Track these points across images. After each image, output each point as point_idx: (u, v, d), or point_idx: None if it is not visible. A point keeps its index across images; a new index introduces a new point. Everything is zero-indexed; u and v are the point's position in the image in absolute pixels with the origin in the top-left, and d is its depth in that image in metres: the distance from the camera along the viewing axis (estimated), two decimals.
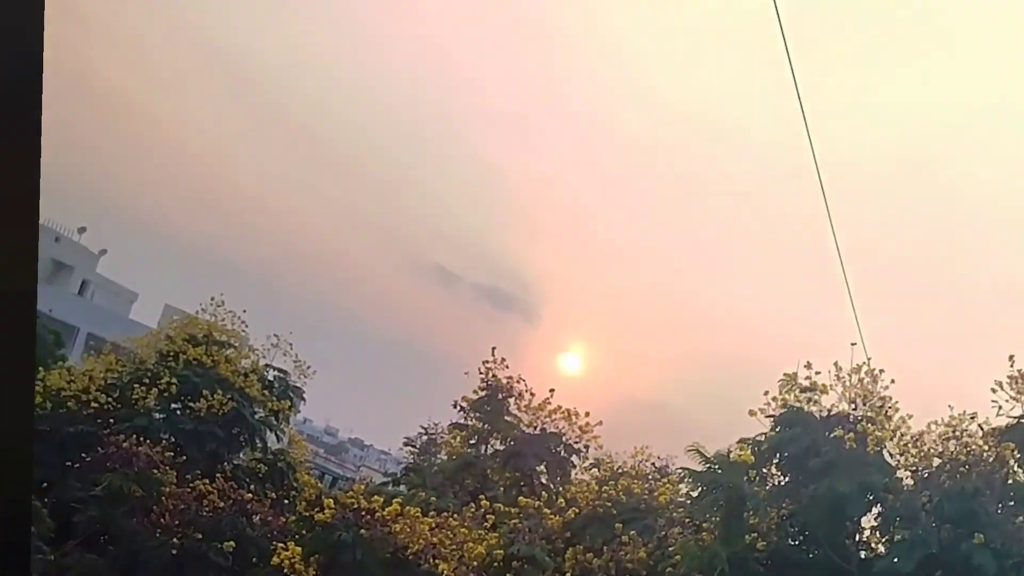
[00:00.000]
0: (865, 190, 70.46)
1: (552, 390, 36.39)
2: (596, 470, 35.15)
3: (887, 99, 69.15)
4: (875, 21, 62.60)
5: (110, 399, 36.84)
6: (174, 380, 37.15)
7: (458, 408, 37.36)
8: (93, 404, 36.44)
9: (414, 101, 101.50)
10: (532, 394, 36.55)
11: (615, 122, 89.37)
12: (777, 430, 27.09)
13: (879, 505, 26.21)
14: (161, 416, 37.46)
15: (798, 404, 27.31)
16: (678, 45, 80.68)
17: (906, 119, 71.29)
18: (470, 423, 37.43)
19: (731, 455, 26.94)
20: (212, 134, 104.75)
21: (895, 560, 24.71)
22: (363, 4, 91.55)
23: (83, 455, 33.35)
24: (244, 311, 40.27)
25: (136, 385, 37.01)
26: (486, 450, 37.14)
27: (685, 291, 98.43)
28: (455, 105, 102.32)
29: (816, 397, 27.25)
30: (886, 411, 26.59)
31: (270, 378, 40.13)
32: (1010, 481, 25.31)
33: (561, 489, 34.16)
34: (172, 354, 38.50)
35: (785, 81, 15.38)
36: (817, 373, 27.25)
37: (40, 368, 36.79)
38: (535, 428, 36.23)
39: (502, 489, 35.01)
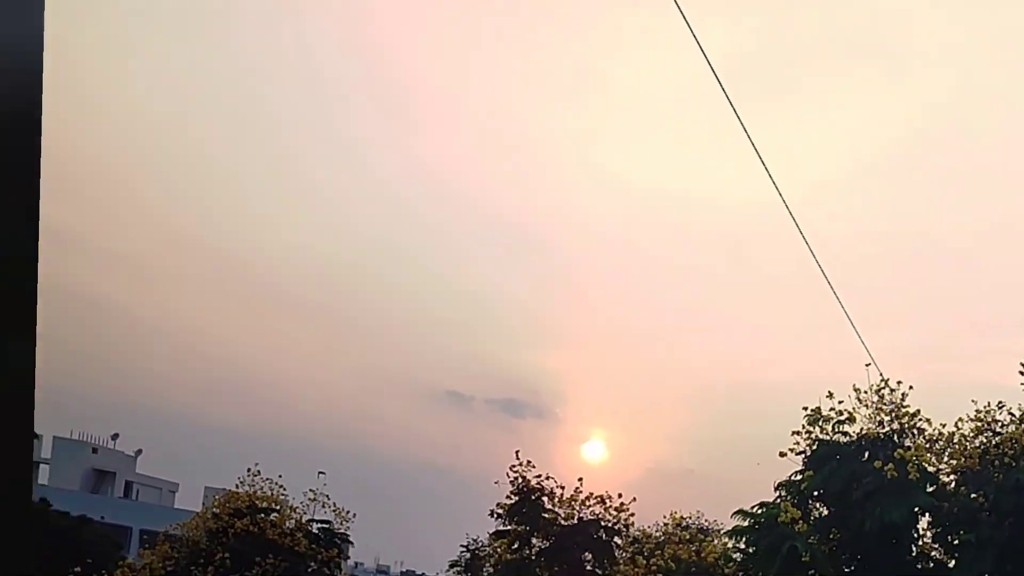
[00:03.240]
0: (839, 213, 69.34)
1: (581, 479, 34.40)
2: (638, 544, 33.66)
3: (839, 123, 68.13)
4: (813, 60, 62.09)
5: None
6: (227, 554, 35.56)
7: (495, 516, 35.88)
8: None
9: (382, 254, 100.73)
10: (562, 487, 34.67)
11: (590, 219, 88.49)
12: (812, 468, 25.15)
13: (929, 514, 24.39)
14: None
15: (827, 436, 25.47)
16: (632, 131, 79.94)
17: (862, 137, 70.19)
18: (510, 528, 35.91)
19: (775, 506, 25.13)
20: (213, 319, 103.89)
21: (966, 564, 22.94)
22: (325, 153, 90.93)
23: None
24: (280, 475, 38.66)
25: (193, 567, 35.50)
26: (531, 551, 35.55)
27: (692, 358, 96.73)
28: (425, 245, 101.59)
29: (845, 427, 25.38)
30: (916, 423, 24.86)
31: (315, 531, 38.18)
32: None
33: (610, 571, 32.48)
34: (221, 530, 36.67)
35: (739, 136, 14.07)
36: (840, 402, 24.96)
37: (104, 572, 36.34)
38: (573, 519, 34.55)
39: None
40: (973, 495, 23.60)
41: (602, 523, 34.04)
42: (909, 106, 65.79)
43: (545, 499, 34.64)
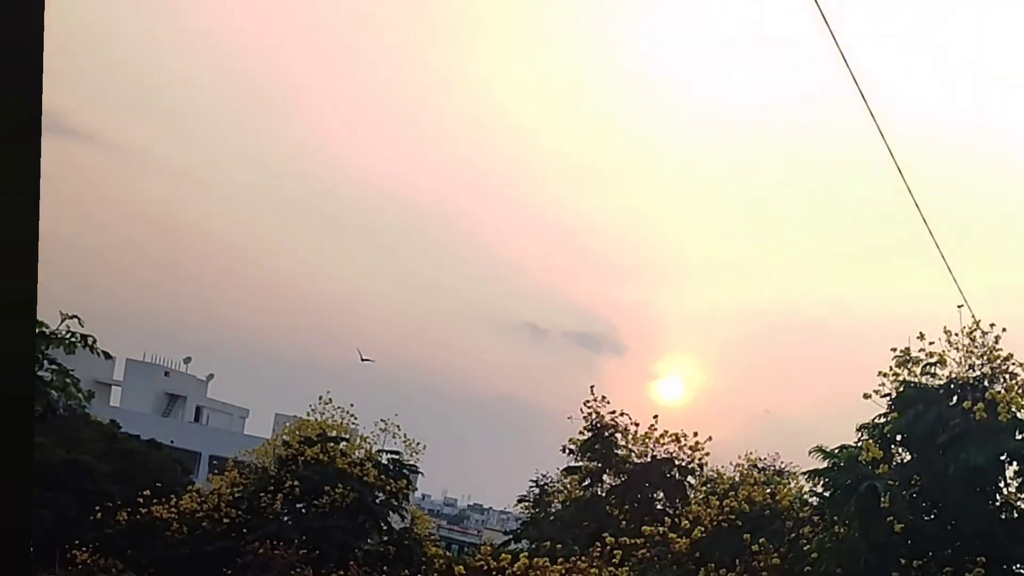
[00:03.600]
0: (936, 148, 66.96)
1: (656, 416, 34.21)
2: (711, 484, 33.20)
3: (942, 52, 65.93)
4: None
5: (240, 511, 35.83)
6: (296, 482, 35.87)
7: (567, 452, 35.64)
8: (225, 520, 35.48)
9: (465, 183, 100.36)
10: (636, 424, 34.40)
11: (679, 151, 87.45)
12: (897, 411, 24.39)
13: (1015, 463, 23.58)
14: (289, 519, 36.31)
15: (914, 379, 24.49)
16: (727, 61, 78.43)
17: (965, 68, 67.93)
18: (582, 464, 35.65)
19: (855, 447, 24.41)
20: (293, 245, 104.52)
21: None
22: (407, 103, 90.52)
23: (224, 570, 32.23)
24: (352, 404, 38.92)
25: (262, 494, 35.87)
26: (601, 488, 35.24)
27: (774, 295, 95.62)
28: (511, 176, 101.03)
29: (933, 369, 24.50)
30: (1008, 368, 23.66)
31: (384, 462, 38.34)
32: None
33: (682, 511, 32.01)
34: (291, 458, 37.14)
35: (833, 60, 13.29)
36: (931, 343, 24.00)
37: (172, 496, 36.45)
38: (646, 457, 34.13)
39: (623, 522, 32.85)
40: None
41: (676, 462, 33.72)
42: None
43: (619, 436, 34.38)
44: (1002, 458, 22.84)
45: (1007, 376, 23.48)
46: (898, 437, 24.41)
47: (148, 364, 76.28)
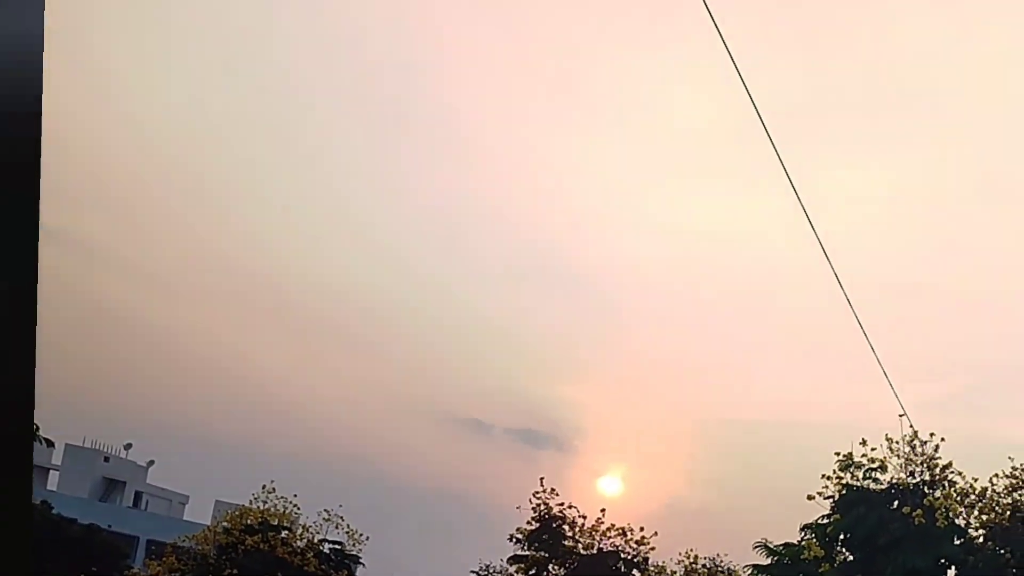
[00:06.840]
0: (875, 261, 68.74)
1: (603, 510, 34.68)
2: None
3: (883, 178, 67.78)
4: (856, 106, 61.57)
5: None
6: (235, 570, 35.59)
7: (514, 541, 35.81)
8: None
9: (410, 279, 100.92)
10: (584, 517, 34.78)
11: (624, 256, 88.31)
12: (840, 512, 24.87)
13: (953, 567, 24.08)
14: None
15: (857, 483, 25.22)
16: (672, 172, 79.51)
17: (905, 194, 69.93)
18: (528, 554, 35.80)
19: (798, 545, 24.89)
20: (238, 338, 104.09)
21: None
22: (359, 188, 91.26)
23: None
24: (295, 495, 38.72)
25: None
26: None
27: (717, 398, 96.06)
28: (456, 273, 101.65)
29: (875, 474, 25.17)
30: (947, 476, 24.59)
31: (326, 551, 38.22)
32: None
33: None
34: (231, 545, 36.78)
35: (780, 181, 13.89)
36: (873, 449, 24.88)
37: None
38: (593, 549, 34.36)
39: None
40: (1001, 551, 23.36)
41: (622, 555, 33.96)
42: (950, 155, 65.56)
43: (566, 527, 34.58)
44: (941, 562, 23.39)
45: (946, 484, 24.18)
46: (840, 537, 24.93)
47: (88, 449, 75.46)
